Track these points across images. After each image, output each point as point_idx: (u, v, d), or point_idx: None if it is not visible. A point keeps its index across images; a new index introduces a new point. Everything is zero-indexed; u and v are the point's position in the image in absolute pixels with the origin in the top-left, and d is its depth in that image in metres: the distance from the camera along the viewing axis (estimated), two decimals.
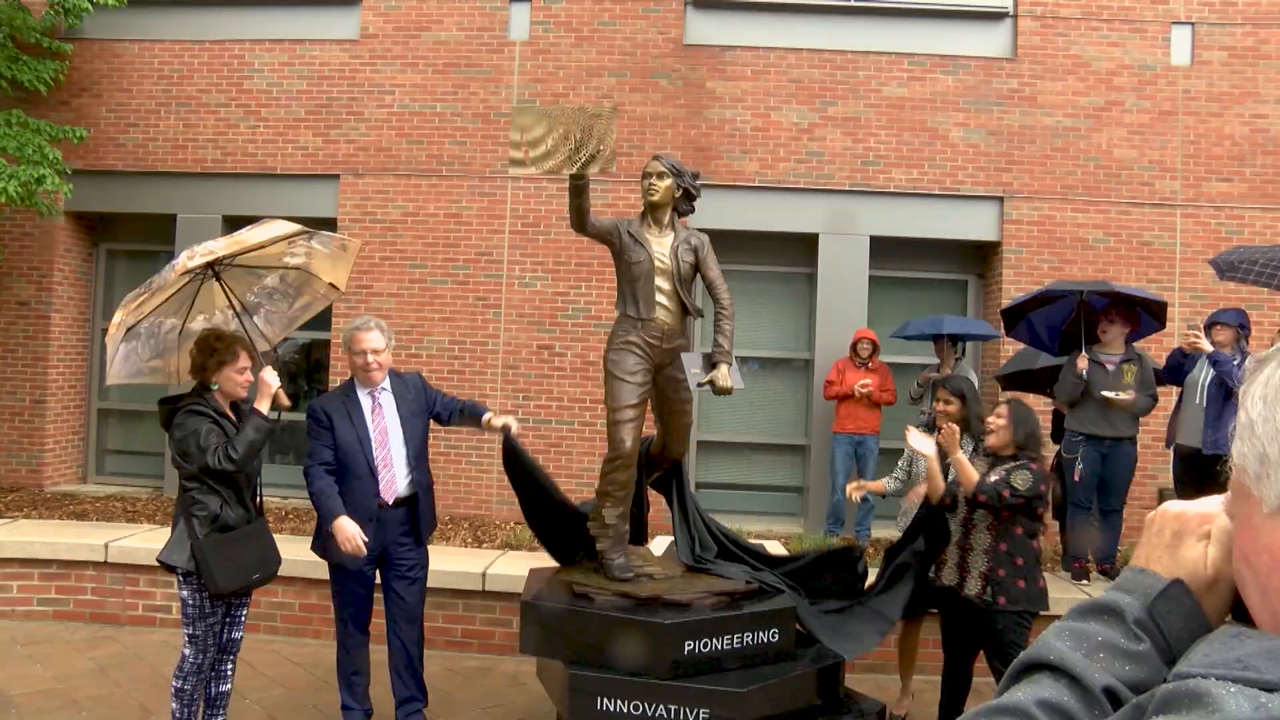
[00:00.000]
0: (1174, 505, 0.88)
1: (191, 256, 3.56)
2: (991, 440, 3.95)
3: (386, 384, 4.08)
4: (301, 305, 4.38)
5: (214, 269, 3.87)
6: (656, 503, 4.56)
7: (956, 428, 3.87)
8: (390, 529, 4.01)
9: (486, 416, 4.08)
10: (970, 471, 3.83)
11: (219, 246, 3.66)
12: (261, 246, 3.84)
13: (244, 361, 3.75)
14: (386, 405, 4.04)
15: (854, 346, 7.14)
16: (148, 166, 8.11)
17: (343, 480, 3.93)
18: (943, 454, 4.02)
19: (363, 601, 4.09)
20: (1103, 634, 0.81)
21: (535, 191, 7.82)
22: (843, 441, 7.15)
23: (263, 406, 3.66)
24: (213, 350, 3.70)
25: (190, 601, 3.68)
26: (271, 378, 3.69)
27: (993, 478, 3.84)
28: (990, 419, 3.99)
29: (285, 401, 3.81)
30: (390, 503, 4.00)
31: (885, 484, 4.86)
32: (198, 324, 4.09)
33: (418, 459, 4.07)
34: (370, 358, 3.97)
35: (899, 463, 4.92)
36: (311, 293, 4.35)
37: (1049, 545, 6.22)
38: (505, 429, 3.98)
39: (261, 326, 4.28)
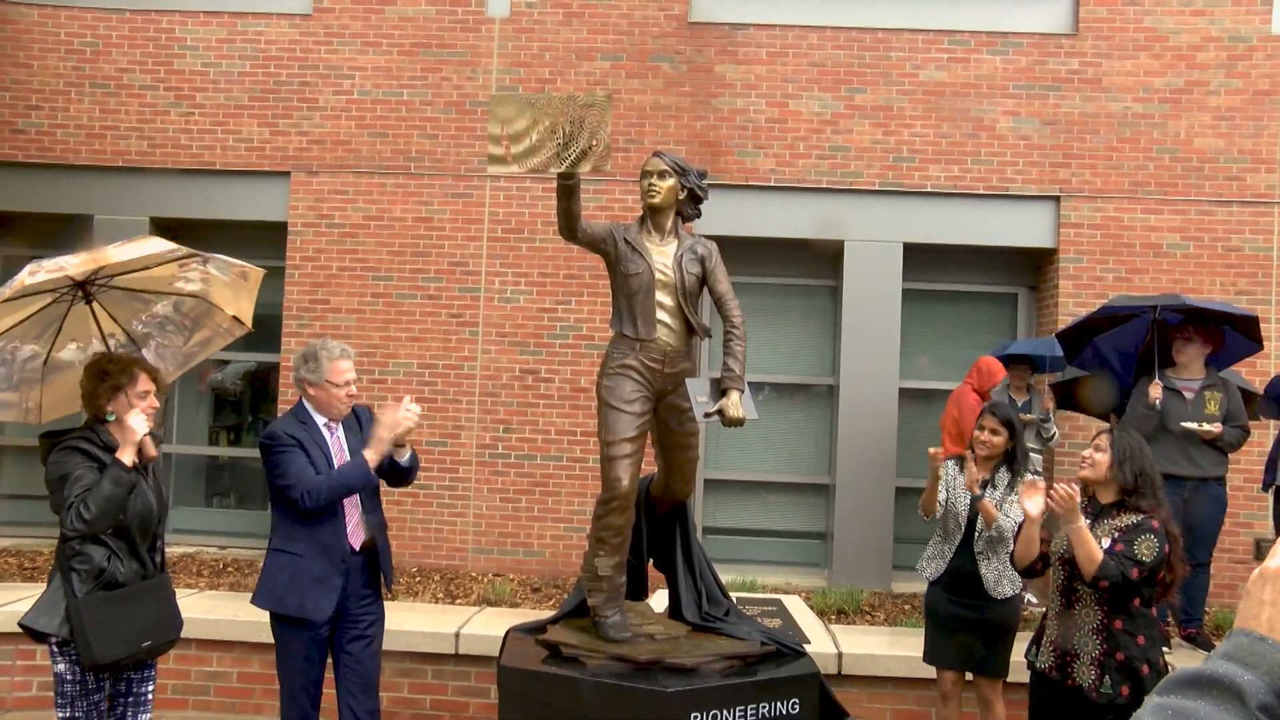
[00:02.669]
0: None
1: (34, 273, 3.47)
2: (1086, 473, 3.83)
3: None
4: (200, 340, 4.40)
5: (85, 290, 3.84)
6: None
7: (1075, 492, 3.64)
8: (353, 579, 4.06)
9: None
10: (1093, 548, 3.58)
11: (71, 264, 3.58)
12: (130, 269, 3.83)
13: (144, 384, 3.70)
14: (341, 438, 4.14)
15: (991, 387, 6.84)
16: (56, 158, 8.17)
17: (308, 522, 3.95)
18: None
19: (316, 669, 4.10)
20: (1216, 717, 0.78)
21: (518, 193, 7.93)
22: None
23: (125, 456, 3.56)
24: (104, 374, 3.66)
25: (68, 676, 3.54)
26: (137, 423, 3.60)
27: (1105, 543, 3.64)
28: (1087, 451, 3.86)
29: (152, 452, 3.76)
30: (357, 547, 4.06)
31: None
32: (69, 353, 4.06)
33: (373, 497, 4.16)
34: (353, 389, 4.09)
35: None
36: (212, 326, 4.37)
37: None
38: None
39: (153, 361, 4.24)
